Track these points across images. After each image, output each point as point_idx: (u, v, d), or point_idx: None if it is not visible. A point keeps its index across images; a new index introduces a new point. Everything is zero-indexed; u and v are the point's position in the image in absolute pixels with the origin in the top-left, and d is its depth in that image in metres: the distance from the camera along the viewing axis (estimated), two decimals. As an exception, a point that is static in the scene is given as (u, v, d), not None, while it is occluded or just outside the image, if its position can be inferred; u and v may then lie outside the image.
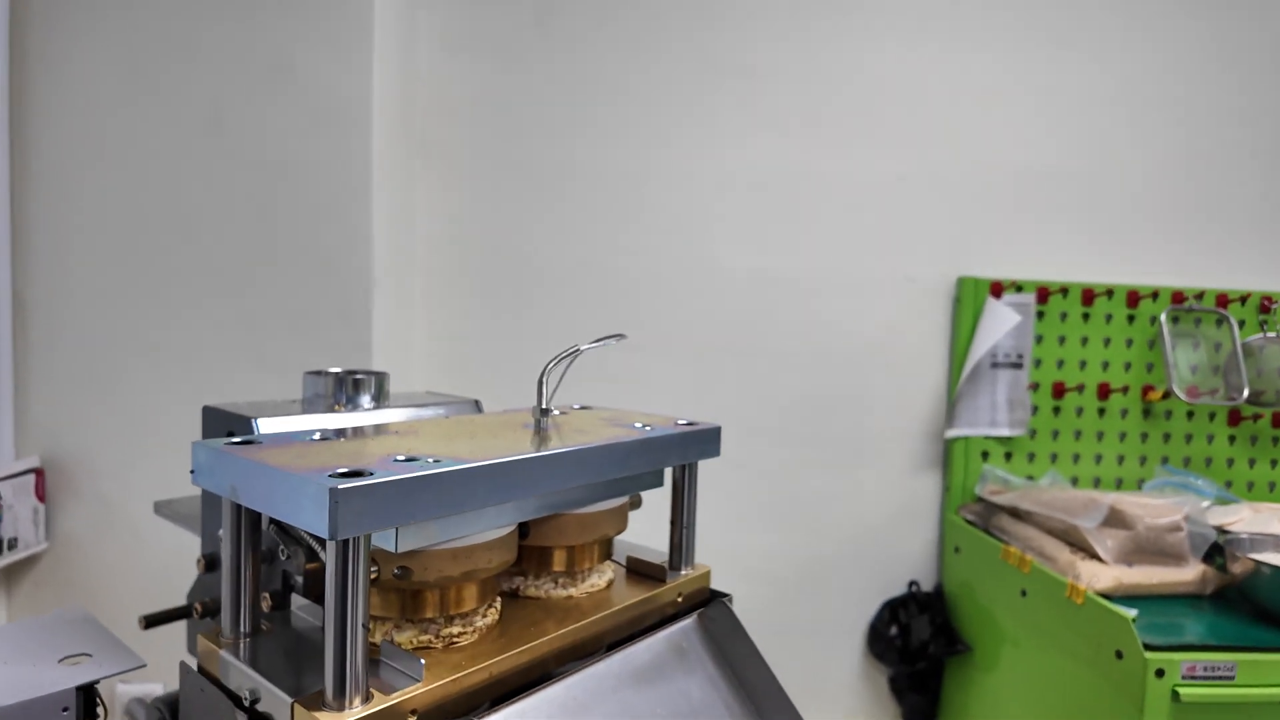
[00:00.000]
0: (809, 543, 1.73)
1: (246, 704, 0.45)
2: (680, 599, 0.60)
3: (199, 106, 1.39)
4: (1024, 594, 1.41)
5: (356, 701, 0.41)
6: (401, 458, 0.44)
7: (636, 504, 0.66)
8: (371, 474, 0.40)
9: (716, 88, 1.66)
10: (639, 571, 0.62)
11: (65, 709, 0.54)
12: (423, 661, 0.44)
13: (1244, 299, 1.66)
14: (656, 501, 0.71)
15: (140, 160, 1.40)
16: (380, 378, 0.67)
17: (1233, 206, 1.74)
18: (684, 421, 0.63)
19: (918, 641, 1.66)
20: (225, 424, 0.59)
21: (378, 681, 0.44)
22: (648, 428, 0.60)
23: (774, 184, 1.68)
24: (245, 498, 0.43)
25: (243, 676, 0.46)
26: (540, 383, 0.58)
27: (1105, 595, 1.26)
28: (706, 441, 0.62)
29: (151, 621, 0.74)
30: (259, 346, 1.39)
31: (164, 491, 1.39)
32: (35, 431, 1.41)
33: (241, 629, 0.49)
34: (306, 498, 0.38)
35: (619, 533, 0.62)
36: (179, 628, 0.77)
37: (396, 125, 1.48)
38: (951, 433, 1.68)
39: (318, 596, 0.53)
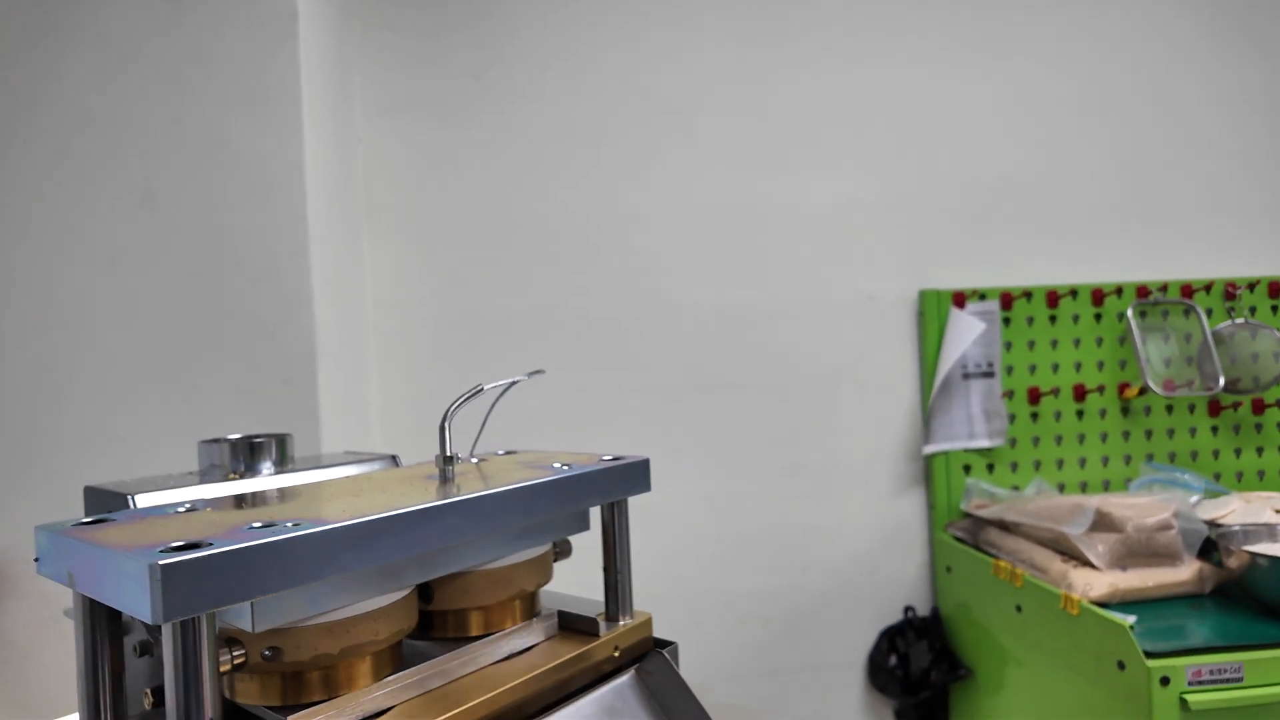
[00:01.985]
0: (798, 577, 1.67)
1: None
2: (618, 653, 0.55)
3: (129, 184, 1.36)
4: (1019, 609, 1.35)
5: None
6: (258, 524, 0.39)
7: (565, 552, 0.61)
8: (210, 545, 0.35)
9: (659, 124, 1.65)
10: (570, 627, 0.57)
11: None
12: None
13: (1208, 287, 1.65)
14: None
15: (70, 242, 1.37)
16: (282, 440, 0.62)
17: (1186, 197, 1.73)
18: (609, 457, 0.59)
19: (918, 670, 1.59)
20: (103, 504, 0.54)
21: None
22: (566, 467, 0.55)
23: (725, 215, 1.66)
24: (81, 584, 0.38)
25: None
26: (442, 428, 0.54)
27: (1102, 603, 1.21)
28: (633, 477, 0.57)
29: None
30: (202, 422, 1.34)
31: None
32: (-30, 533, 1.35)
33: (103, 712, 0.43)
34: (129, 578, 0.34)
35: (540, 586, 0.56)
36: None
37: (337, 190, 1.46)
38: (930, 448, 1.63)
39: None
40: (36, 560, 0.42)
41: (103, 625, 0.42)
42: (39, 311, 1.37)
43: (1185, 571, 1.28)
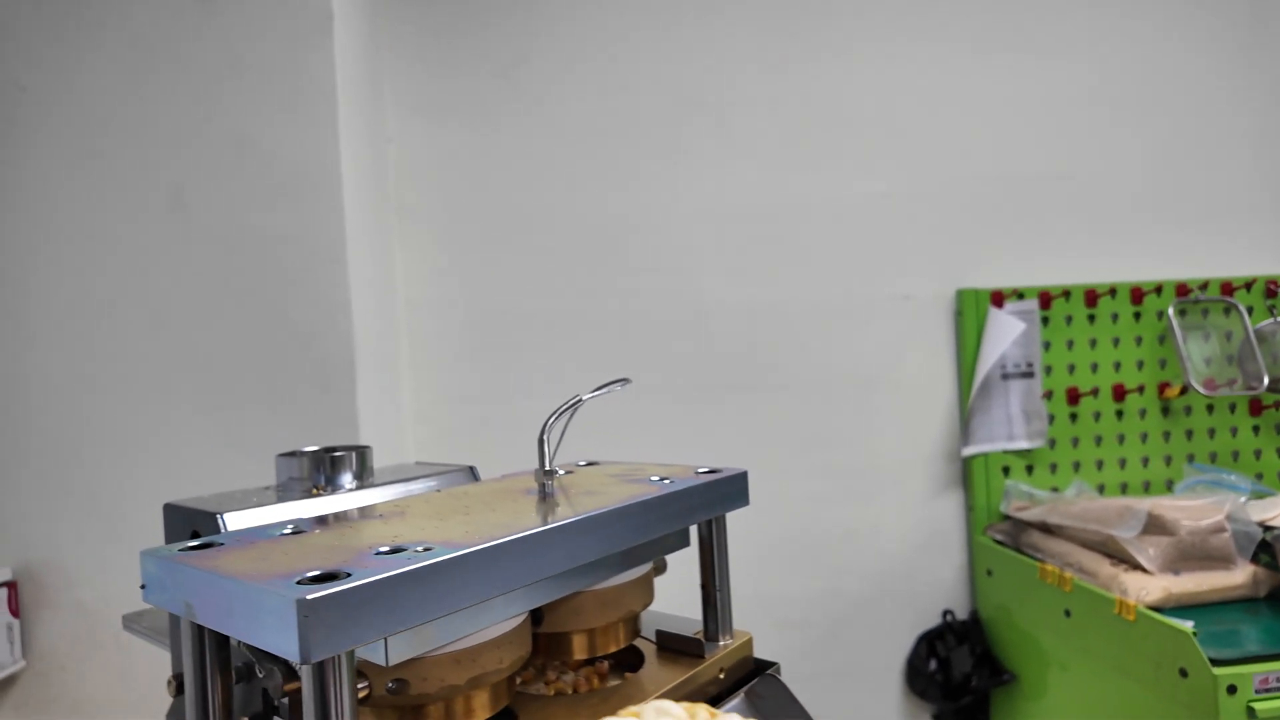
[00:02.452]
0: (834, 582, 1.64)
1: None
2: (723, 674, 0.53)
3: (159, 187, 1.34)
4: (1068, 614, 1.33)
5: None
6: (385, 549, 0.37)
7: (661, 569, 0.59)
8: (348, 576, 0.33)
9: (690, 121, 1.63)
10: (672, 648, 0.54)
11: None
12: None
13: (1249, 285, 1.62)
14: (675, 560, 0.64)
15: (100, 247, 1.34)
16: (362, 452, 0.60)
17: (1225, 193, 1.71)
18: (704, 469, 0.57)
19: (960, 675, 1.57)
20: (189, 522, 0.51)
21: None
22: (667, 480, 0.53)
23: (757, 214, 1.63)
24: (203, 616, 0.36)
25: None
26: (541, 441, 0.52)
27: (1155, 608, 1.18)
28: (734, 490, 0.55)
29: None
30: (237, 430, 1.31)
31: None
32: (4, 541, 1.32)
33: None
34: (268, 613, 0.31)
35: (646, 606, 0.54)
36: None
37: (368, 191, 1.44)
38: (969, 450, 1.61)
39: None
40: (143, 587, 0.40)
41: (214, 655, 0.40)
42: (68, 318, 1.34)
43: (1239, 575, 1.25)
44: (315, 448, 0.60)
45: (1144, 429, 1.65)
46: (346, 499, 0.55)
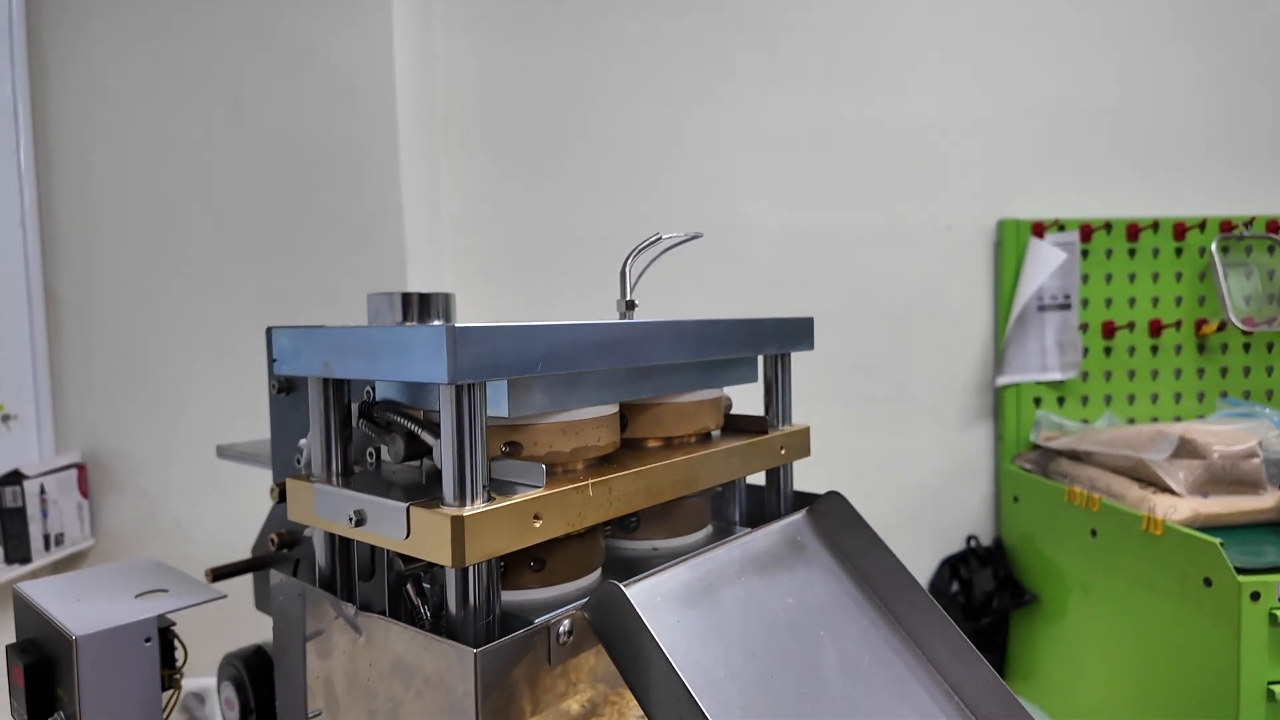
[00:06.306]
0: (861, 505, 1.66)
1: (352, 522, 0.41)
2: (784, 450, 0.57)
3: (220, 92, 1.37)
4: (1094, 534, 1.36)
5: (478, 501, 0.38)
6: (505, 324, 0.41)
7: (727, 408, 0.62)
8: (485, 326, 0.37)
9: (736, 44, 1.63)
10: (739, 428, 0.59)
11: (148, 640, 0.50)
12: (544, 467, 0.41)
13: (1295, 223, 1.61)
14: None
15: (163, 149, 1.38)
16: (448, 298, 0.64)
17: (1274, 129, 1.69)
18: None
19: (981, 596, 1.61)
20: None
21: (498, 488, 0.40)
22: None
23: (801, 139, 1.64)
24: (342, 369, 0.40)
25: (344, 501, 0.42)
26: (624, 272, 0.55)
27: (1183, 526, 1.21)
28: (800, 331, 0.59)
29: (219, 574, 0.71)
30: (294, 329, 1.36)
31: (203, 484, 1.37)
32: (74, 427, 1.39)
33: (334, 469, 0.46)
34: (421, 344, 0.35)
35: (718, 426, 0.58)
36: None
37: (417, 105, 1.46)
38: (1002, 380, 1.63)
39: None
40: (274, 361, 0.44)
41: (336, 405, 0.44)
42: (134, 219, 1.39)
43: (1268, 500, 1.28)
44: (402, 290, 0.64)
45: (1178, 365, 1.66)
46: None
